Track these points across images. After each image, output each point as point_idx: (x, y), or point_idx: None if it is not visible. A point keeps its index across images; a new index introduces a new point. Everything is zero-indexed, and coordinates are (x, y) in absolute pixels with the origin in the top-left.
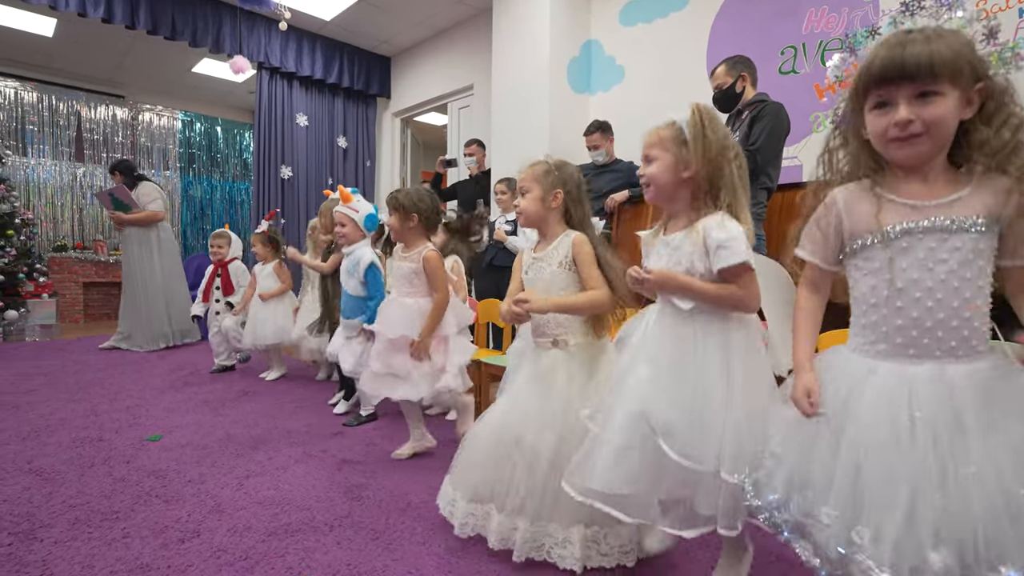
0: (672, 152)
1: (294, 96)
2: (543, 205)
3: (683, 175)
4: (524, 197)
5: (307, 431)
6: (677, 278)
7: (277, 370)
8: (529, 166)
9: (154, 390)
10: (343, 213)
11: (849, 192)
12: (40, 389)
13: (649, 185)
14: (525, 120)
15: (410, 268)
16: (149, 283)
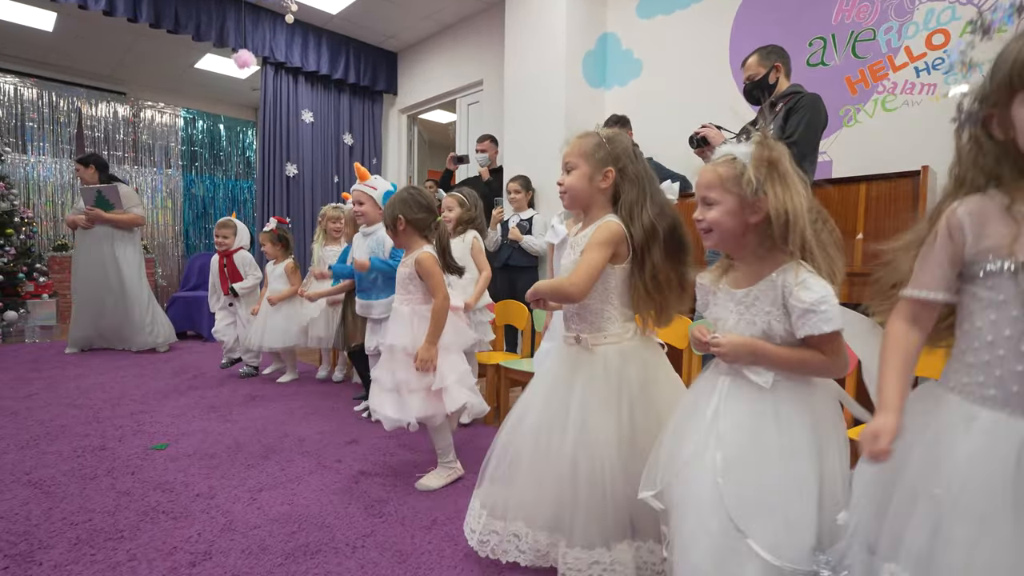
0: (735, 194)
1: (299, 92)
2: (590, 185)
3: (751, 220)
4: (570, 174)
5: (320, 439)
6: (755, 347)
7: (290, 373)
8: (577, 138)
9: (158, 394)
10: (361, 191)
11: (976, 207)
12: (40, 394)
13: (711, 231)
14: (539, 115)
15: (405, 272)
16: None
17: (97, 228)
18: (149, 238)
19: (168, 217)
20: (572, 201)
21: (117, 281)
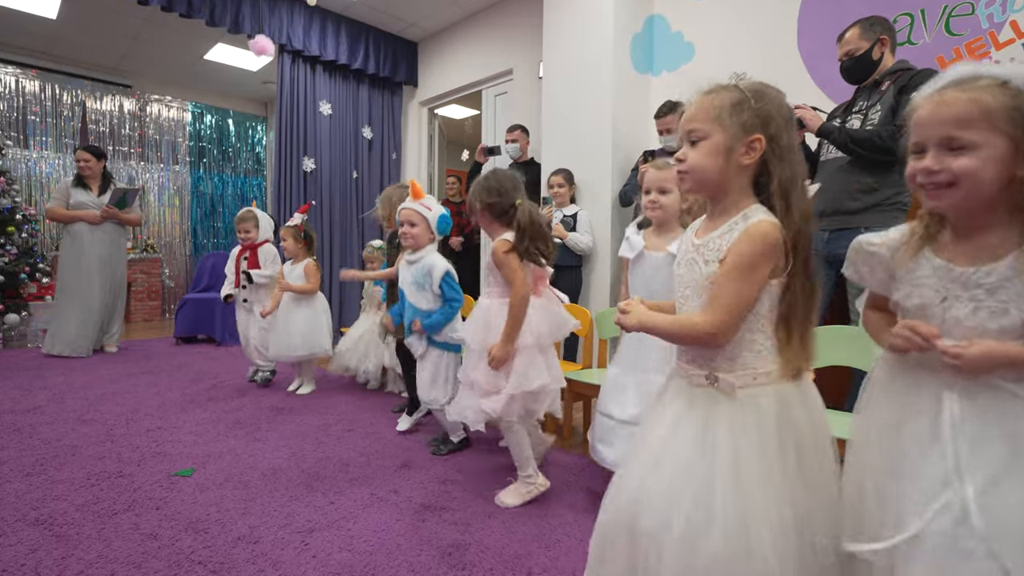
0: (1007, 135)
1: (317, 82)
2: (728, 161)
3: (1020, 172)
4: (694, 147)
5: (366, 462)
6: (1009, 351)
7: (308, 385)
8: (704, 95)
9: (175, 407)
10: (415, 211)
11: None
12: (45, 407)
13: (953, 185)
14: (583, 104)
15: (487, 263)
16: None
17: (108, 225)
18: (156, 237)
19: (175, 215)
20: (698, 185)
21: (121, 279)
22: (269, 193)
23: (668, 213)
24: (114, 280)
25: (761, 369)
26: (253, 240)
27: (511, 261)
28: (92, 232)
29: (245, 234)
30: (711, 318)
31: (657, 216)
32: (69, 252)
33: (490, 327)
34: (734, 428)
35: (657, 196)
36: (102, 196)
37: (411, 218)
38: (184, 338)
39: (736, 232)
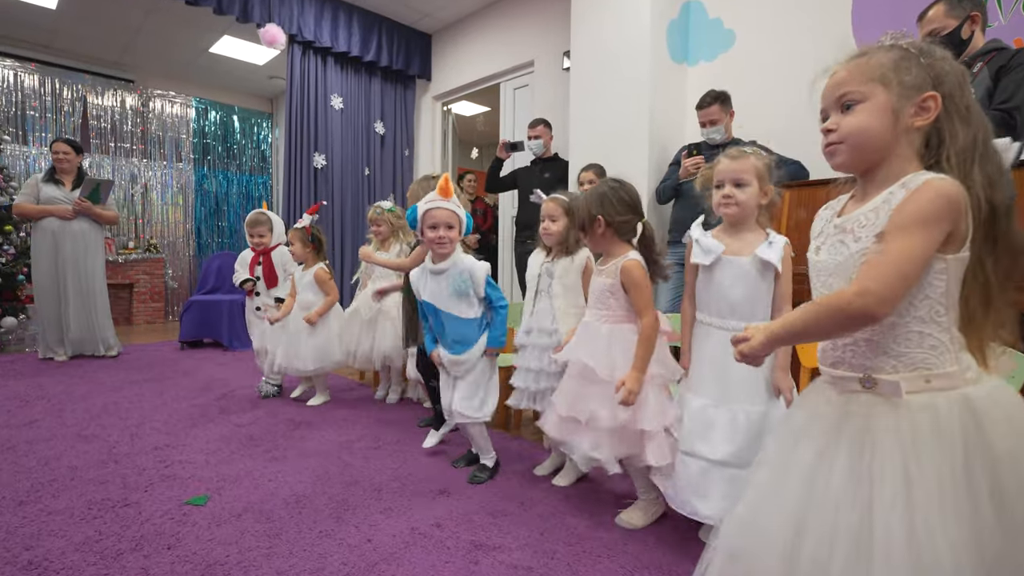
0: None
1: (328, 75)
2: (895, 123)
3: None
4: (849, 112)
5: (399, 488)
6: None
7: (321, 395)
8: (856, 58)
9: (184, 420)
10: (452, 212)
11: None
12: (42, 420)
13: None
14: (616, 95)
15: (605, 284)
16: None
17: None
18: (159, 236)
19: (179, 214)
20: (857, 154)
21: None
22: (279, 191)
23: (745, 210)
24: (86, 281)
25: (938, 370)
26: (267, 244)
27: (648, 285)
28: (62, 228)
29: (259, 239)
30: (866, 284)
31: (732, 214)
32: (40, 251)
33: (613, 356)
34: (903, 447)
35: (732, 190)
36: (75, 191)
37: (448, 220)
38: (189, 342)
39: (896, 200)
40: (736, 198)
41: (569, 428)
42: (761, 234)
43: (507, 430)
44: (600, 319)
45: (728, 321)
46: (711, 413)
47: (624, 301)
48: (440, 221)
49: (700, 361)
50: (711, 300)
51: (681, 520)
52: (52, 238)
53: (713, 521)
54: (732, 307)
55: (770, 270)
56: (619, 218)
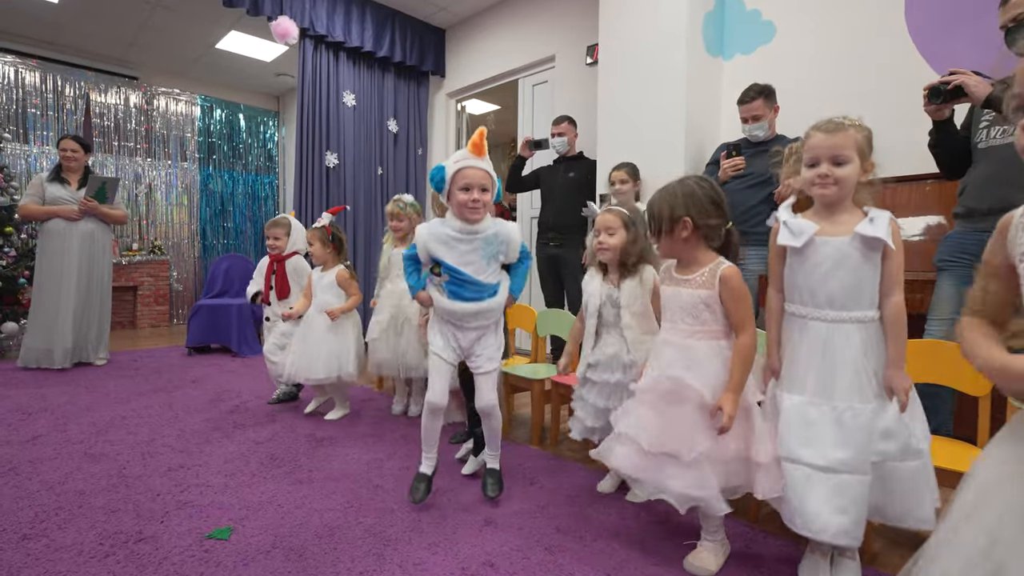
0: None
1: (340, 70)
2: None
3: None
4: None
5: (440, 517)
6: None
7: (340, 408)
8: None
9: (197, 436)
10: (486, 173)
11: None
12: (46, 435)
13: None
14: (649, 90)
15: (699, 295)
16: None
17: (90, 223)
18: (163, 238)
19: (183, 215)
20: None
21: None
22: (287, 191)
23: (845, 190)
24: (94, 285)
25: None
26: (282, 250)
27: (749, 297)
28: (69, 229)
29: (274, 242)
30: None
31: (831, 195)
32: (45, 253)
33: (718, 377)
34: None
35: (830, 168)
36: (81, 191)
37: (483, 181)
38: (196, 348)
39: None
40: (835, 176)
41: (656, 464)
42: (858, 213)
43: (541, 446)
44: (692, 336)
45: (827, 311)
46: (810, 412)
47: (721, 314)
48: (474, 182)
49: (795, 357)
50: (805, 288)
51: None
52: (60, 240)
53: (825, 536)
54: (831, 295)
55: (876, 249)
56: (710, 221)
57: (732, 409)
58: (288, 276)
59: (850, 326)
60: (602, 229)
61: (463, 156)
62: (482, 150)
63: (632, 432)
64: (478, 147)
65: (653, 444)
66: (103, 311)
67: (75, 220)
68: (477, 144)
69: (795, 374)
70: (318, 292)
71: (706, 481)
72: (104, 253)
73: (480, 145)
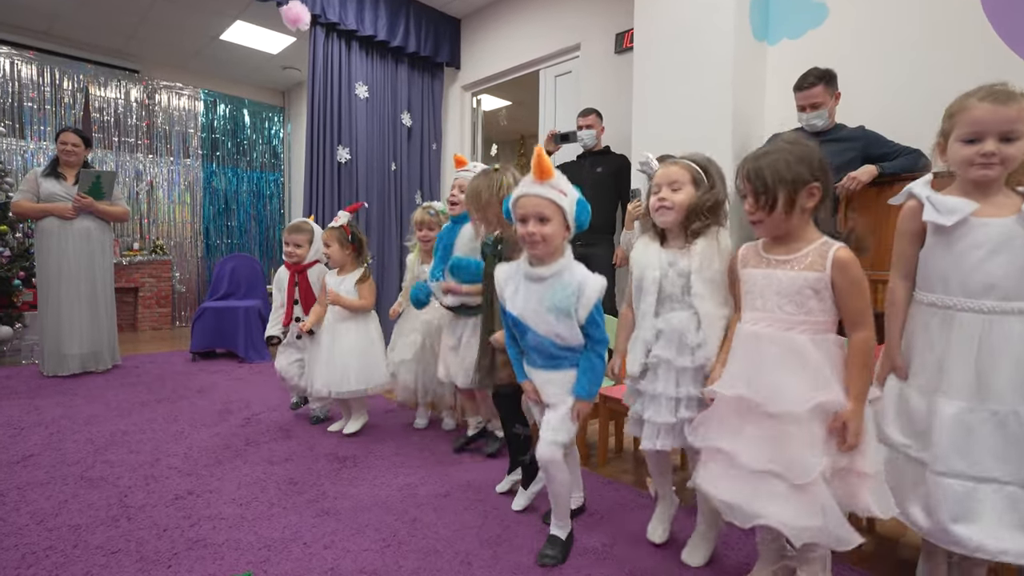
0: None
1: (352, 61)
2: None
3: None
4: None
5: (492, 558)
6: None
7: (358, 418)
8: None
9: (206, 455)
10: (547, 200)
11: None
12: (39, 455)
13: None
14: (692, 79)
15: (807, 278)
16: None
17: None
18: (165, 237)
19: (186, 213)
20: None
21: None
22: (296, 190)
23: (1009, 170)
24: (98, 287)
25: None
26: (302, 259)
27: (864, 281)
28: (64, 228)
29: (295, 249)
30: None
31: (995, 174)
32: (41, 255)
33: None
34: None
35: (998, 145)
36: (76, 187)
37: (541, 210)
38: (201, 353)
39: None
40: (1003, 155)
41: (756, 485)
42: (1012, 195)
43: (588, 465)
44: (794, 327)
45: (983, 301)
46: (969, 419)
47: (830, 303)
48: (529, 211)
49: (944, 355)
50: (952, 275)
51: None
52: (55, 240)
53: (1007, 558)
54: (989, 282)
55: None
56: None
57: (859, 423)
58: (314, 287)
59: (1013, 318)
60: (663, 184)
61: (527, 181)
62: (543, 173)
63: (732, 448)
64: (538, 170)
65: (754, 459)
66: (108, 314)
67: (70, 219)
68: (536, 167)
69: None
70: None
71: (827, 507)
72: (103, 253)
73: (540, 167)
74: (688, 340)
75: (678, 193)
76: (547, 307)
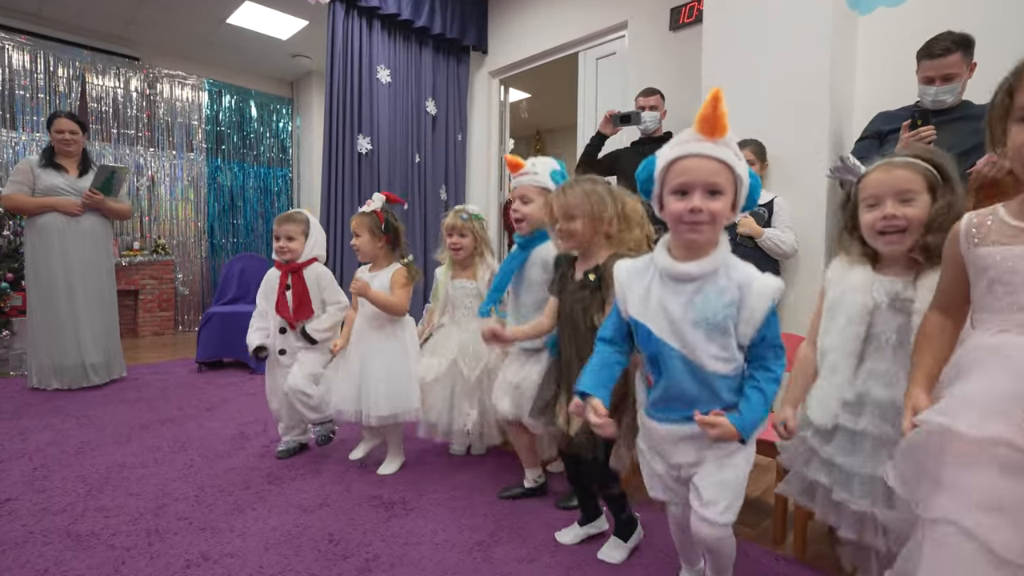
0: None
1: (374, 42)
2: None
3: None
4: None
5: None
6: None
7: (395, 459)
8: None
9: (221, 499)
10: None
11: None
12: (18, 499)
13: None
14: (780, 54)
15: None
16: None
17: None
18: (167, 236)
19: (189, 210)
20: None
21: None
22: (304, 186)
23: None
24: (99, 291)
25: None
26: (295, 256)
27: None
28: (68, 226)
29: (287, 243)
30: None
31: None
32: (36, 255)
33: None
34: None
35: None
36: (84, 179)
37: (714, 178)
38: (208, 363)
39: None
40: None
41: None
42: None
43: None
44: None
45: None
46: None
47: None
48: (695, 180)
49: None
50: None
51: None
52: (55, 238)
53: None
54: None
55: None
56: None
57: None
58: (310, 288)
59: None
60: (887, 195)
61: (685, 138)
62: (717, 127)
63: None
64: (710, 121)
65: None
66: (112, 321)
67: (76, 215)
68: (709, 117)
69: None
70: (366, 300)
71: None
72: (105, 253)
73: (714, 119)
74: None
75: (910, 206)
76: (693, 319)
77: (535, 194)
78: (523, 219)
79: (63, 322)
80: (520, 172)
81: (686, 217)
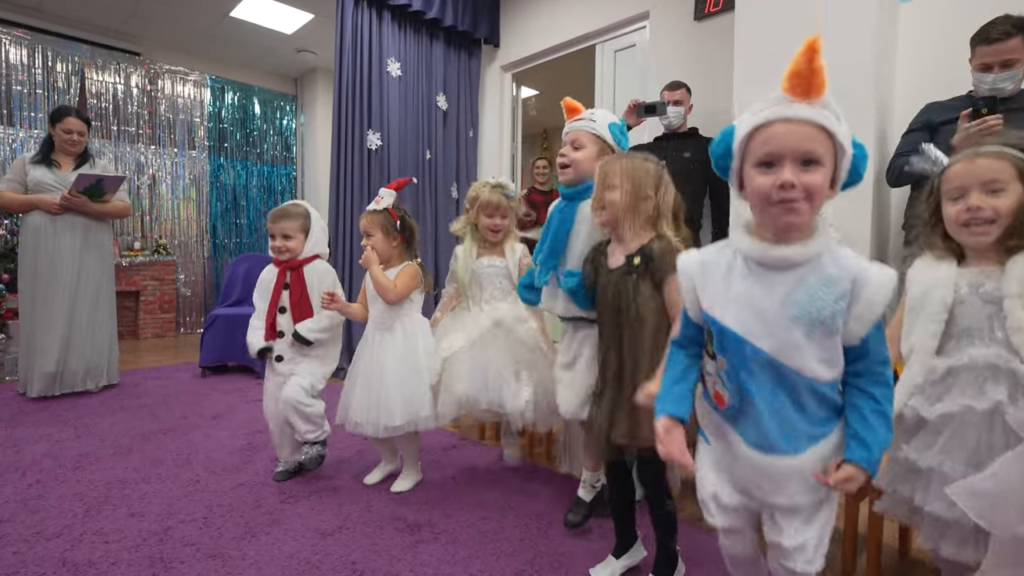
0: None
1: (384, 34)
2: None
3: None
4: None
5: None
6: None
7: (410, 475)
8: None
9: (232, 520)
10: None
11: None
12: (10, 522)
13: None
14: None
15: None
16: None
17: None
18: (169, 236)
19: (191, 210)
20: None
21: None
22: (309, 185)
23: None
24: (94, 292)
25: None
26: (295, 254)
27: None
28: (55, 224)
29: (283, 241)
30: None
31: None
32: (27, 253)
33: None
34: None
35: None
36: (74, 175)
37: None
38: (212, 367)
39: None
40: None
41: None
42: None
43: None
44: None
45: None
46: None
47: None
48: (786, 149)
49: None
50: None
51: None
52: (43, 237)
53: None
54: None
55: None
56: None
57: None
58: (309, 287)
59: None
60: (974, 186)
61: (771, 100)
62: (813, 84)
63: None
64: (805, 78)
65: None
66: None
67: (54, 214)
68: (803, 72)
69: None
70: (377, 302)
71: None
72: (102, 252)
73: (809, 73)
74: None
75: (1000, 196)
76: (792, 315)
77: (588, 140)
78: (570, 164)
79: (53, 324)
80: (576, 117)
81: (775, 195)
